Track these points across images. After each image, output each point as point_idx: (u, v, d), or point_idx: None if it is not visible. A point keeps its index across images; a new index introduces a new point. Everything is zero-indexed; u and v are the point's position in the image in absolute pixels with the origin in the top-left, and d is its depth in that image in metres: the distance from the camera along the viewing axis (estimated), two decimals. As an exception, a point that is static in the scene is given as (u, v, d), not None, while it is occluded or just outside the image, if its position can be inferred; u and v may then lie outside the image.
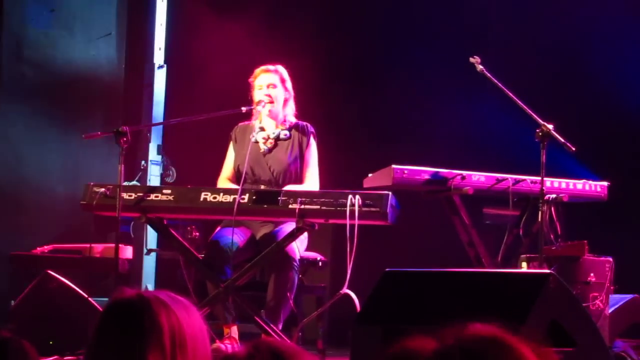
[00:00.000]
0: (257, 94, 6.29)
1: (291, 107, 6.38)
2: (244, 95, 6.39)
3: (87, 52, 8.74)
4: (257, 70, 6.35)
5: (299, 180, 6.23)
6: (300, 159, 6.27)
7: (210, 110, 6.48)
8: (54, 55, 8.62)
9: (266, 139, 6.31)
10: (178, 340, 2.15)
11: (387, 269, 4.78)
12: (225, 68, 8.32)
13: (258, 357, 1.55)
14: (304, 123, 6.36)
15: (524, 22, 8.83)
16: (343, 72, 9.16)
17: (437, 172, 6.37)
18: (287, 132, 6.31)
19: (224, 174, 6.39)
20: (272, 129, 6.33)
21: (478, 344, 1.29)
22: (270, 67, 6.35)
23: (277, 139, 6.31)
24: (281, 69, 6.37)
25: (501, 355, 1.28)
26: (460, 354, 1.27)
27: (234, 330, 5.96)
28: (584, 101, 8.35)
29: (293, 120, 6.36)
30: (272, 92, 6.28)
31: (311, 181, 6.22)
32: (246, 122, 6.40)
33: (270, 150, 6.29)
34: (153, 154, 7.78)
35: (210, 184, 6.23)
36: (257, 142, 6.29)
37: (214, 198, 5.74)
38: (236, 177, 6.25)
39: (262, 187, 6.12)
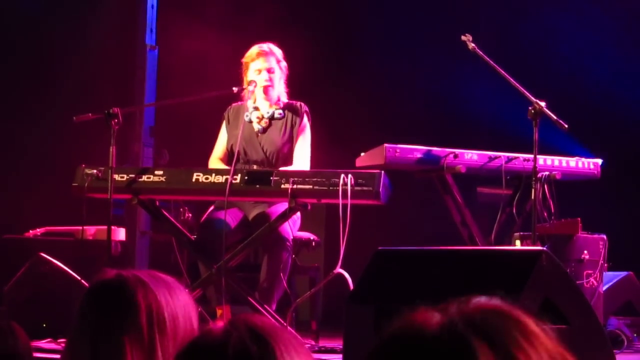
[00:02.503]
0: (255, 77, 6.18)
1: (283, 86, 6.32)
2: (235, 76, 6.34)
3: (78, 35, 8.70)
4: (252, 52, 6.23)
5: (291, 160, 6.19)
6: (293, 139, 6.23)
7: (202, 92, 6.44)
8: (44, 38, 8.58)
9: (260, 119, 6.26)
10: (156, 319, 2.08)
11: (379, 248, 4.77)
12: (216, 49, 8.28)
13: (235, 334, 1.51)
14: (298, 102, 6.31)
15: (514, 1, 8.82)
16: (335, 51, 9.13)
17: (430, 150, 6.34)
18: (281, 112, 6.26)
19: (215, 154, 6.34)
20: (266, 109, 6.28)
21: (484, 316, 1.27)
22: (265, 47, 6.24)
23: (272, 118, 6.26)
24: (275, 49, 6.28)
25: (509, 328, 1.27)
26: (467, 327, 1.25)
27: (227, 312, 5.94)
28: (576, 78, 8.34)
29: (286, 99, 6.31)
30: (273, 77, 6.21)
31: (300, 161, 6.15)
32: (239, 103, 6.35)
33: (264, 130, 6.24)
34: (145, 136, 7.75)
35: (202, 165, 6.20)
36: (251, 121, 6.25)
37: (206, 179, 5.72)
38: (229, 157, 6.21)
39: (255, 167, 6.10)
